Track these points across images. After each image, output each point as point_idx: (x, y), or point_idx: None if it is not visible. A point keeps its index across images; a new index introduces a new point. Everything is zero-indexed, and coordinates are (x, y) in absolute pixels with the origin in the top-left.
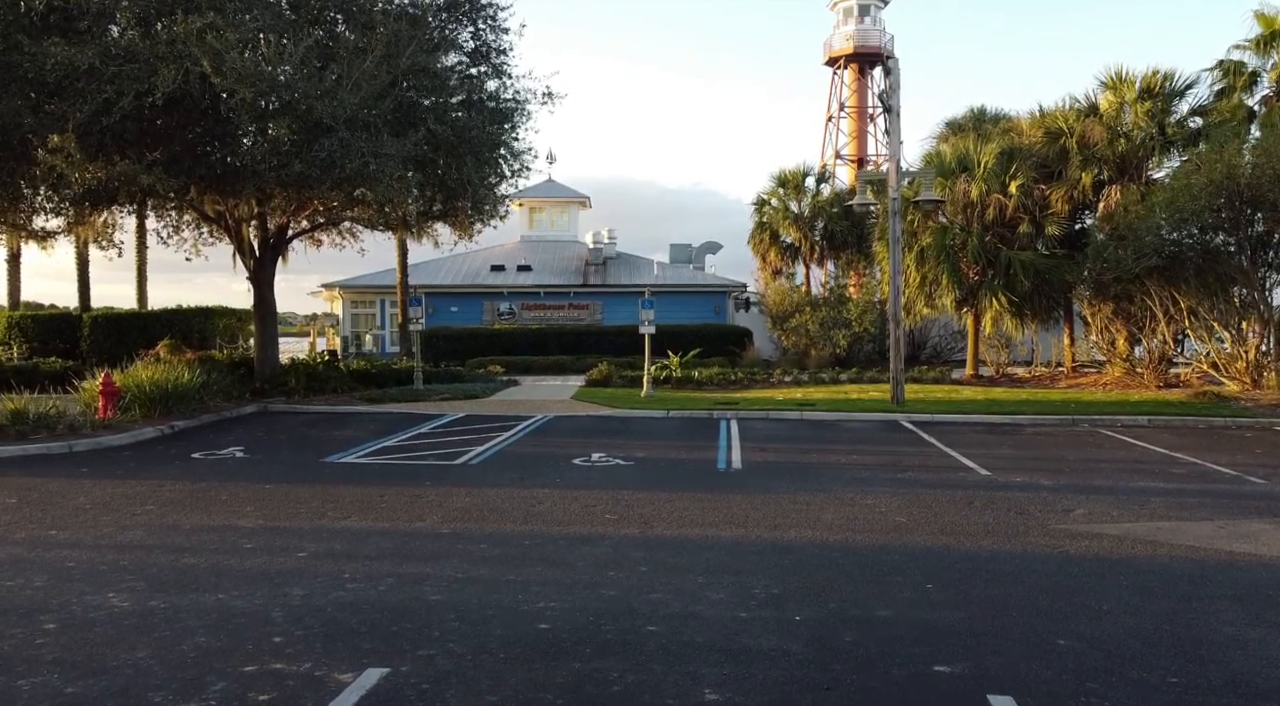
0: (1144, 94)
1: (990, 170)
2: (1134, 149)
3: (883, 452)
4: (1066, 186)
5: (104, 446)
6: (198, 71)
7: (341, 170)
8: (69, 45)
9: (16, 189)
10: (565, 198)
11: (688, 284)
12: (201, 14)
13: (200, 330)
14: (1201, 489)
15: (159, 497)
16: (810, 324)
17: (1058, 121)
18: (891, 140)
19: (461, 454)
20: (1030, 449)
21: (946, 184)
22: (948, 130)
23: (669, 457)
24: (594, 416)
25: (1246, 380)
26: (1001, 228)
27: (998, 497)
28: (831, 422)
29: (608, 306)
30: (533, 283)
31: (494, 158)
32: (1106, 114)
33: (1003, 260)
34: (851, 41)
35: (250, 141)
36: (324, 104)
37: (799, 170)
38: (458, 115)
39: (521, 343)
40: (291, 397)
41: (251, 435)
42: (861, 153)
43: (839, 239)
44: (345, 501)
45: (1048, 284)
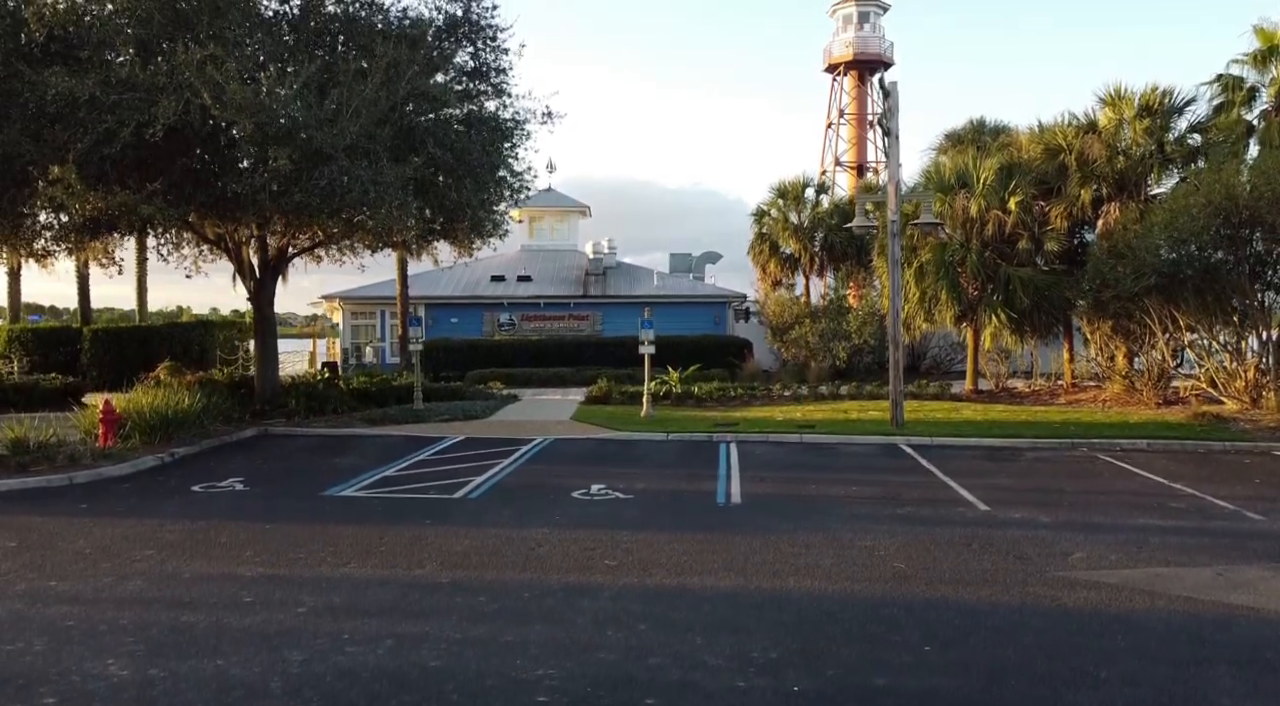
0: (1143, 111)
1: (989, 186)
2: (1133, 166)
3: (881, 483)
4: (1066, 203)
5: (104, 477)
6: (198, 103)
7: (341, 199)
8: (70, 75)
9: (17, 217)
10: (565, 207)
11: (687, 295)
12: (202, 45)
13: (200, 342)
14: (1199, 526)
15: (159, 540)
16: (810, 336)
17: (1057, 138)
18: (890, 163)
19: (461, 485)
20: (1029, 478)
21: (946, 199)
22: (947, 142)
23: (668, 489)
24: (593, 440)
25: (1245, 399)
26: (1001, 243)
27: (996, 538)
28: (831, 446)
29: (607, 317)
30: (533, 293)
31: (494, 180)
32: (1105, 131)
33: (1002, 276)
34: (851, 48)
35: (250, 171)
36: (324, 133)
37: (798, 181)
38: (457, 136)
39: (521, 354)
40: (291, 419)
41: (251, 463)
42: (861, 159)
43: (839, 250)
44: (344, 544)
45: (1047, 300)
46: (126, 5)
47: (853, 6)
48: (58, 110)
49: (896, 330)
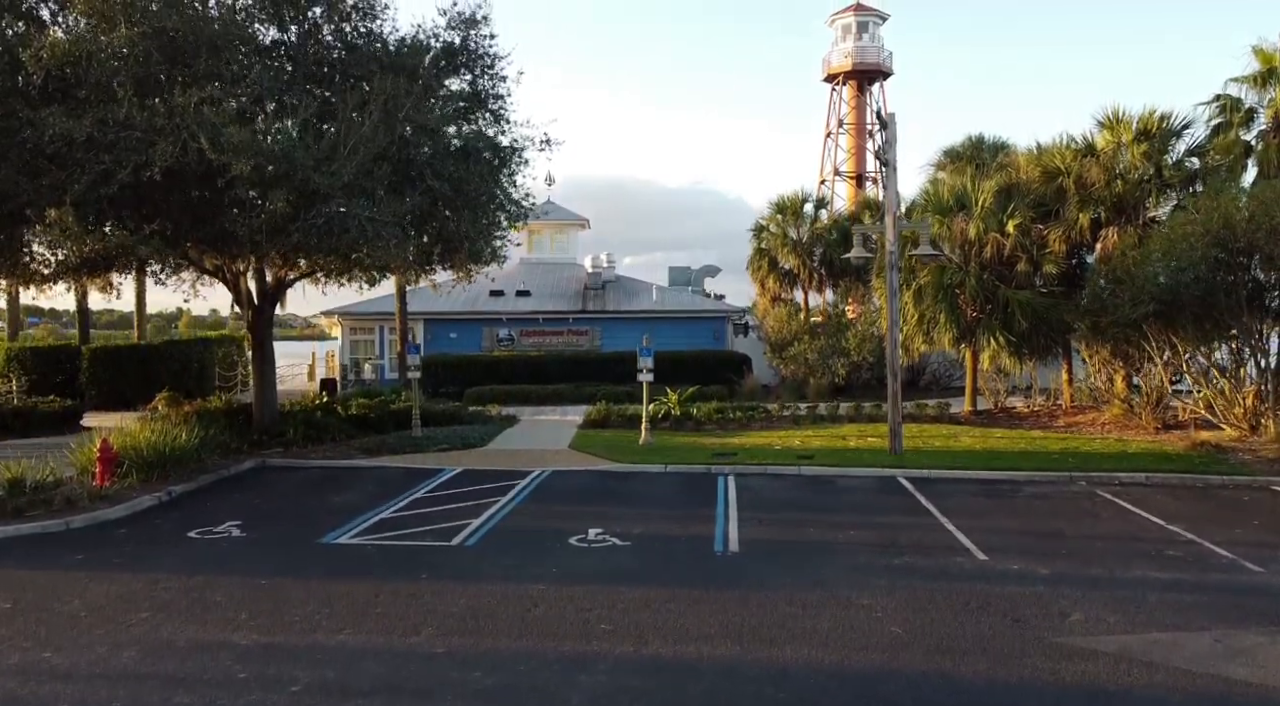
0: (1141, 135)
1: (988, 209)
2: (1131, 189)
3: (880, 526)
4: (1064, 227)
5: (101, 521)
6: (195, 147)
7: (339, 238)
8: (67, 115)
9: (15, 256)
10: (565, 220)
11: (686, 309)
12: (199, 85)
13: (200, 359)
14: (1197, 580)
15: (154, 600)
16: (809, 353)
17: (1055, 160)
18: (888, 194)
19: (457, 529)
20: (1027, 518)
21: (944, 221)
22: (946, 159)
23: (666, 534)
24: (591, 472)
25: (1244, 426)
26: (1000, 265)
27: (993, 596)
28: (829, 480)
29: (607, 332)
30: (531, 308)
31: (492, 209)
32: (1103, 154)
33: (1000, 299)
34: (850, 58)
35: (247, 210)
36: (321, 173)
37: (797, 196)
38: (455, 166)
39: (520, 370)
40: (290, 449)
41: (249, 503)
42: (860, 169)
43: (838, 266)
44: (339, 604)
45: (1045, 323)
46: (125, 45)
47: (851, 16)
48: (55, 150)
49: (894, 360)
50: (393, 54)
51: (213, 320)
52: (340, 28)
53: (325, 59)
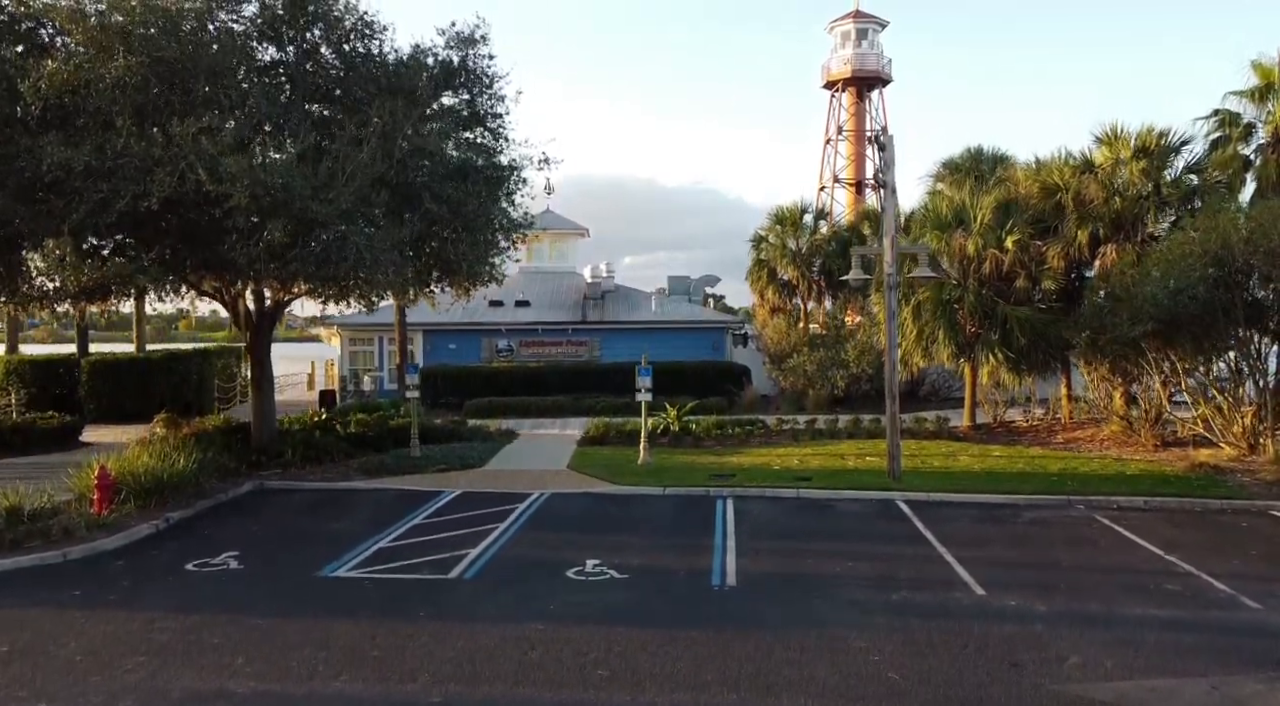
0: (1139, 152)
1: (986, 225)
2: (1129, 206)
3: (878, 557)
4: (1063, 243)
5: (99, 552)
6: (193, 178)
7: (336, 266)
8: (65, 144)
9: (14, 282)
10: (564, 229)
11: (685, 320)
12: (198, 115)
13: (199, 371)
14: (1196, 619)
15: (151, 643)
16: (808, 365)
17: (1054, 176)
18: (886, 216)
19: (456, 560)
20: (1025, 548)
21: (943, 237)
22: (945, 170)
23: (664, 566)
24: (590, 495)
25: (1243, 445)
26: (999, 281)
27: (991, 637)
28: (827, 504)
29: (606, 343)
30: (531, 319)
31: (490, 231)
32: (1102, 170)
33: (999, 315)
34: (849, 65)
35: (245, 238)
36: (318, 202)
37: (796, 207)
38: (454, 188)
39: (520, 382)
40: (288, 470)
41: (247, 530)
42: (860, 176)
43: (836, 276)
44: (337, 647)
45: (1044, 339)
46: (124, 73)
47: (851, 23)
48: (53, 178)
49: (893, 382)
50: (391, 74)
51: (213, 321)
52: (340, 48)
53: (324, 80)
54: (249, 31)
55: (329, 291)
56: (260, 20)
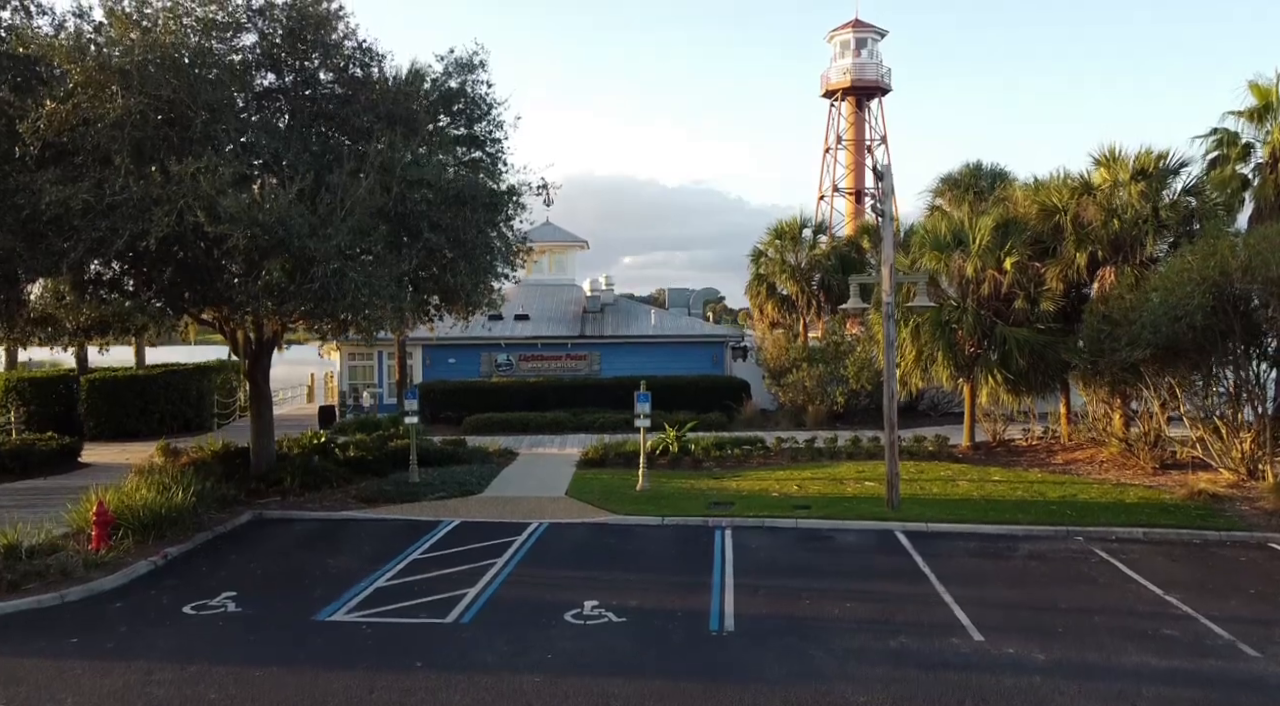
0: (1138, 174)
1: (985, 246)
2: (1127, 229)
3: (876, 597)
4: (1061, 265)
5: (97, 593)
6: (192, 220)
7: (335, 303)
8: (63, 182)
9: (13, 319)
10: (563, 242)
11: (685, 335)
12: (196, 153)
13: (198, 388)
14: (1194, 669)
15: (148, 699)
16: (807, 380)
17: (1052, 197)
18: (884, 246)
19: (454, 601)
20: (1024, 587)
21: (942, 258)
22: (944, 185)
23: (663, 608)
24: (589, 526)
25: (1242, 470)
26: (997, 302)
27: (989, 691)
28: (826, 535)
29: (605, 357)
30: (530, 334)
31: (489, 259)
32: (1100, 191)
33: (998, 336)
34: (849, 75)
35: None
36: (316, 240)
37: (795, 221)
38: (453, 216)
39: (519, 397)
40: (286, 499)
41: (244, 567)
42: (859, 185)
43: (835, 291)
44: (335, 703)
45: (1043, 360)
46: (123, 112)
47: (850, 33)
48: (52, 216)
49: (891, 411)
50: (391, 101)
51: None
52: (339, 75)
53: (323, 108)
54: (247, 60)
55: (327, 325)
56: (259, 49)
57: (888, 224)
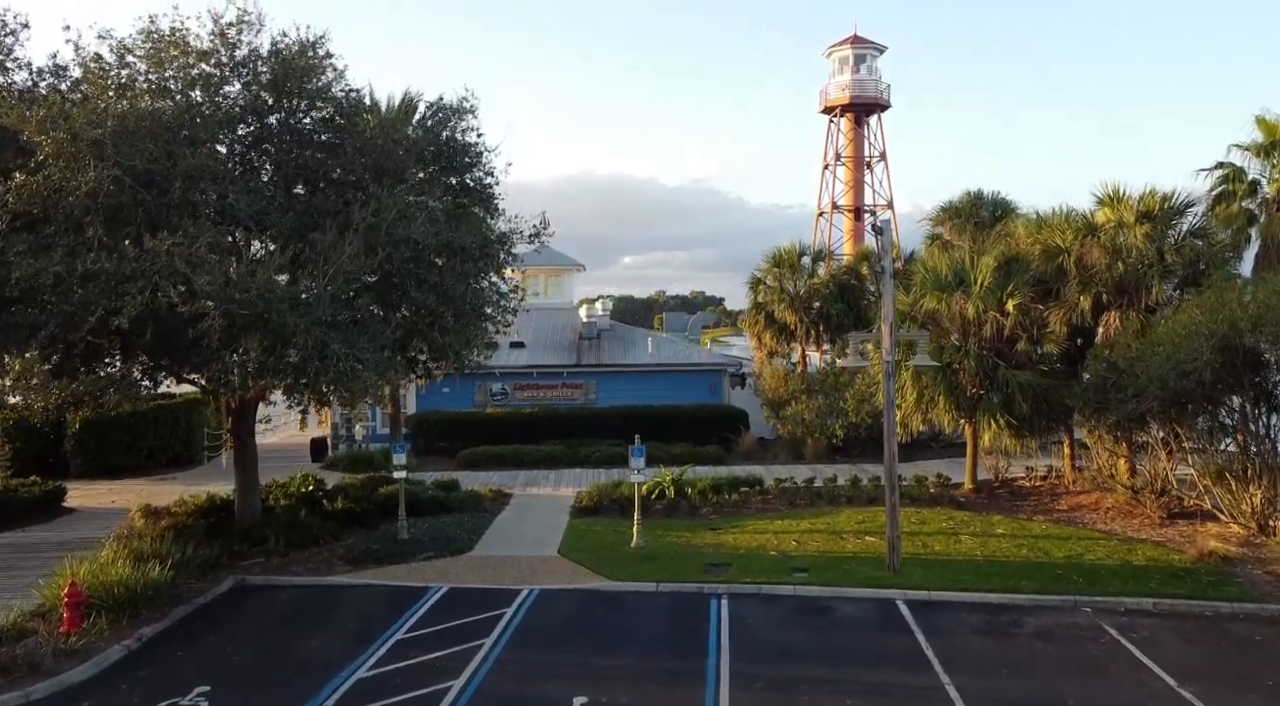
0: (1143, 216)
1: (987, 287)
2: (1132, 272)
3: (879, 690)
4: (1065, 309)
5: (66, 686)
6: (165, 301)
7: (316, 377)
8: (34, 255)
9: None
10: (559, 265)
11: (682, 363)
12: (172, 228)
13: (187, 422)
14: None
15: None
16: (806, 413)
17: (1055, 238)
18: (885, 301)
19: (439, 696)
20: (1033, 678)
21: (943, 298)
22: (944, 214)
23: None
24: (580, 596)
25: (1253, 525)
26: (999, 343)
27: None
28: (826, 606)
29: (602, 386)
30: (526, 363)
31: (479, 315)
32: (1104, 232)
33: (1001, 378)
34: (848, 91)
35: (219, 352)
36: (297, 313)
37: (794, 248)
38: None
39: (514, 429)
40: (270, 560)
41: (222, 651)
42: (858, 202)
43: (835, 320)
44: None
45: (1047, 404)
46: (96, 183)
47: (849, 49)
48: (23, 289)
49: (892, 472)
50: (379, 152)
51: None
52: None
53: (308, 162)
54: (231, 112)
55: (309, 397)
56: (243, 101)
57: (888, 281)
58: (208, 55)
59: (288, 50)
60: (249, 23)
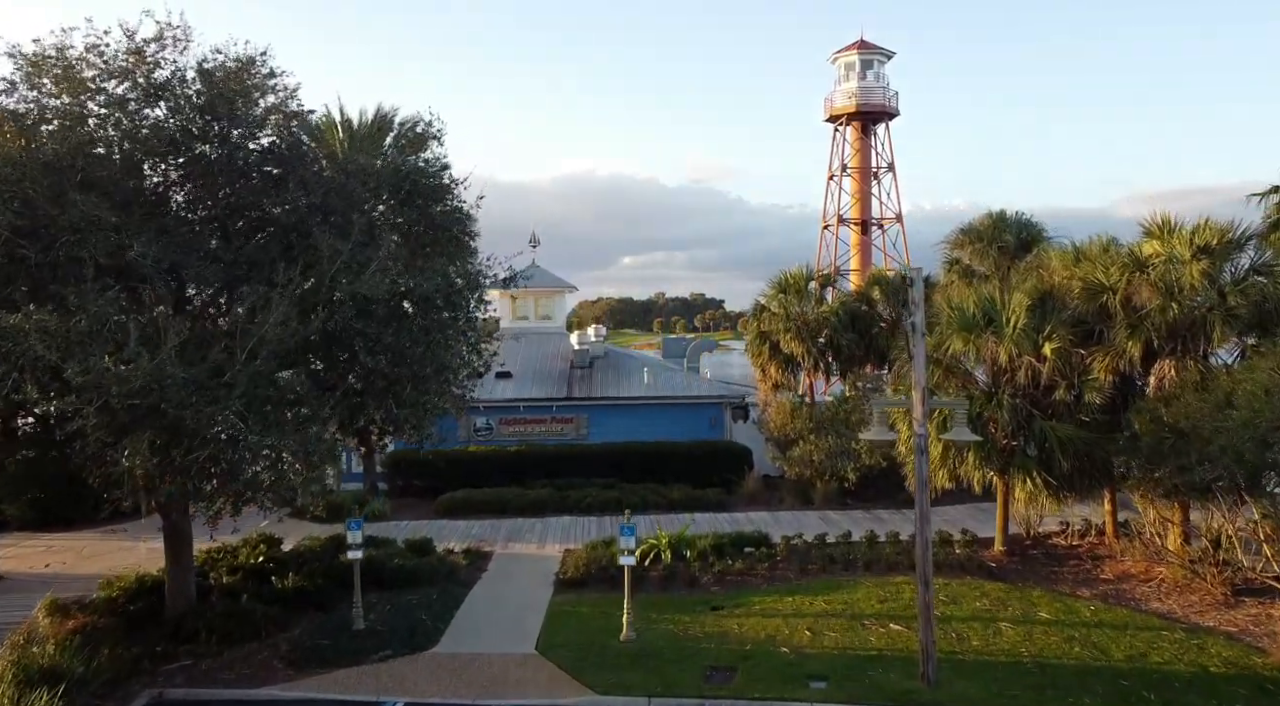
0: (1199, 252)
1: (1021, 330)
2: (1187, 313)
3: None
4: (1111, 355)
5: None
6: (18, 398)
7: (225, 485)
8: None
9: None
10: (549, 287)
11: (680, 396)
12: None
13: None
14: None
15: None
16: (816, 454)
17: (1096, 274)
18: (916, 364)
19: None
20: None
21: (970, 339)
22: (964, 237)
23: None
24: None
25: None
26: (1035, 390)
27: None
28: None
29: (594, 420)
30: (512, 395)
31: (443, 382)
32: (1153, 267)
33: (1037, 431)
34: (854, 99)
35: (99, 457)
36: (201, 404)
37: (800, 272)
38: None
39: (498, 468)
40: (199, 662)
41: None
42: (865, 215)
43: (846, 352)
44: None
45: (1090, 460)
46: None
47: (855, 55)
48: None
49: (926, 566)
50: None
51: None
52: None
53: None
54: (149, 143)
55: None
56: (166, 130)
57: (919, 341)
58: (120, 76)
59: (221, 70)
60: (175, 39)
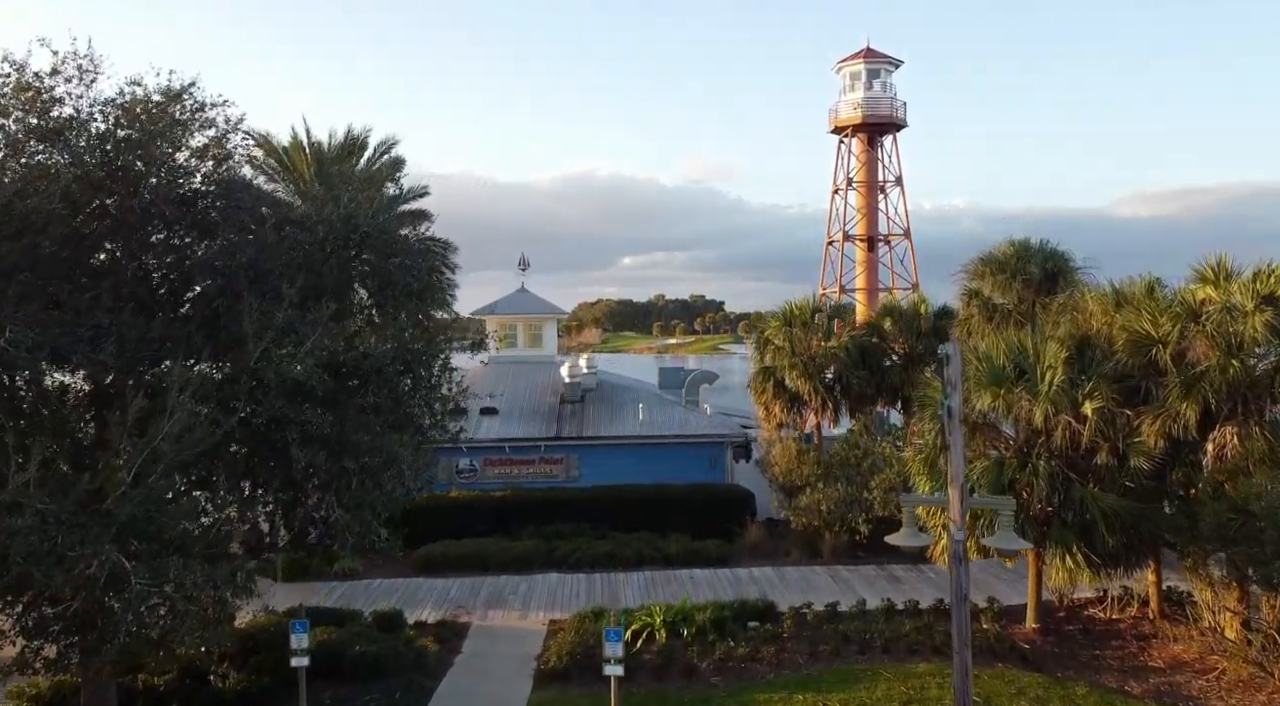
0: (1264, 301)
1: (1058, 387)
2: (1250, 371)
3: None
4: (1162, 418)
5: None
6: None
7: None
8: None
9: None
10: (539, 314)
11: (678, 435)
12: None
13: None
14: None
15: None
16: (824, 504)
17: (1143, 323)
18: (953, 455)
19: None
20: None
21: (1000, 394)
22: (984, 266)
23: None
24: None
25: None
26: (1074, 453)
27: None
28: None
29: (585, 461)
30: (497, 436)
31: (396, 475)
32: (1209, 317)
33: (1076, 497)
34: (859, 110)
35: None
36: (72, 540)
37: (806, 303)
38: (334, 421)
39: (482, 515)
40: None
41: None
42: (871, 231)
43: (856, 390)
44: None
45: (1136, 531)
46: None
47: (861, 64)
48: None
49: (965, 660)
50: (258, 247)
51: None
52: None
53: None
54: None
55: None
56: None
57: (956, 428)
58: None
59: (138, 106)
60: (81, 72)
